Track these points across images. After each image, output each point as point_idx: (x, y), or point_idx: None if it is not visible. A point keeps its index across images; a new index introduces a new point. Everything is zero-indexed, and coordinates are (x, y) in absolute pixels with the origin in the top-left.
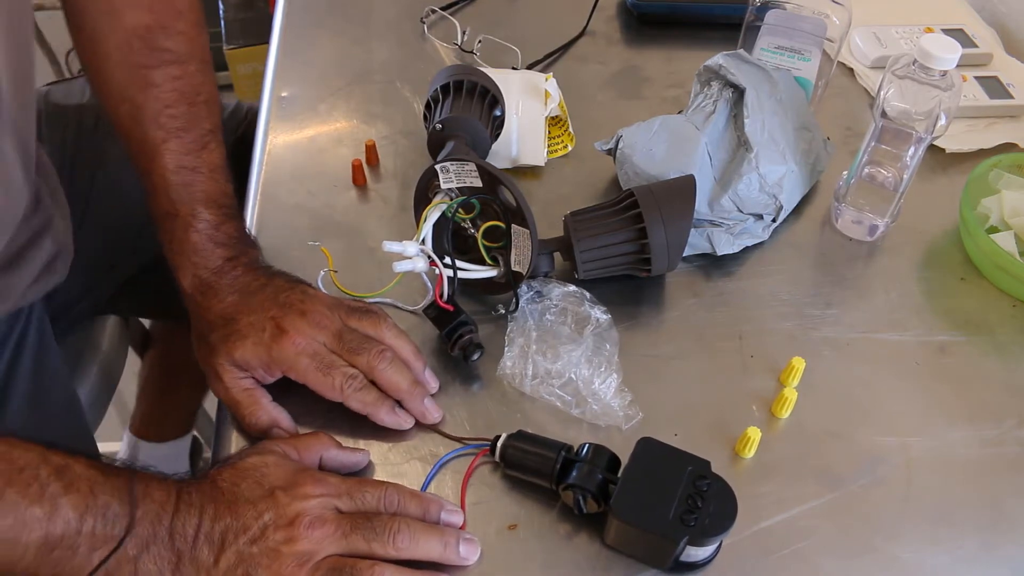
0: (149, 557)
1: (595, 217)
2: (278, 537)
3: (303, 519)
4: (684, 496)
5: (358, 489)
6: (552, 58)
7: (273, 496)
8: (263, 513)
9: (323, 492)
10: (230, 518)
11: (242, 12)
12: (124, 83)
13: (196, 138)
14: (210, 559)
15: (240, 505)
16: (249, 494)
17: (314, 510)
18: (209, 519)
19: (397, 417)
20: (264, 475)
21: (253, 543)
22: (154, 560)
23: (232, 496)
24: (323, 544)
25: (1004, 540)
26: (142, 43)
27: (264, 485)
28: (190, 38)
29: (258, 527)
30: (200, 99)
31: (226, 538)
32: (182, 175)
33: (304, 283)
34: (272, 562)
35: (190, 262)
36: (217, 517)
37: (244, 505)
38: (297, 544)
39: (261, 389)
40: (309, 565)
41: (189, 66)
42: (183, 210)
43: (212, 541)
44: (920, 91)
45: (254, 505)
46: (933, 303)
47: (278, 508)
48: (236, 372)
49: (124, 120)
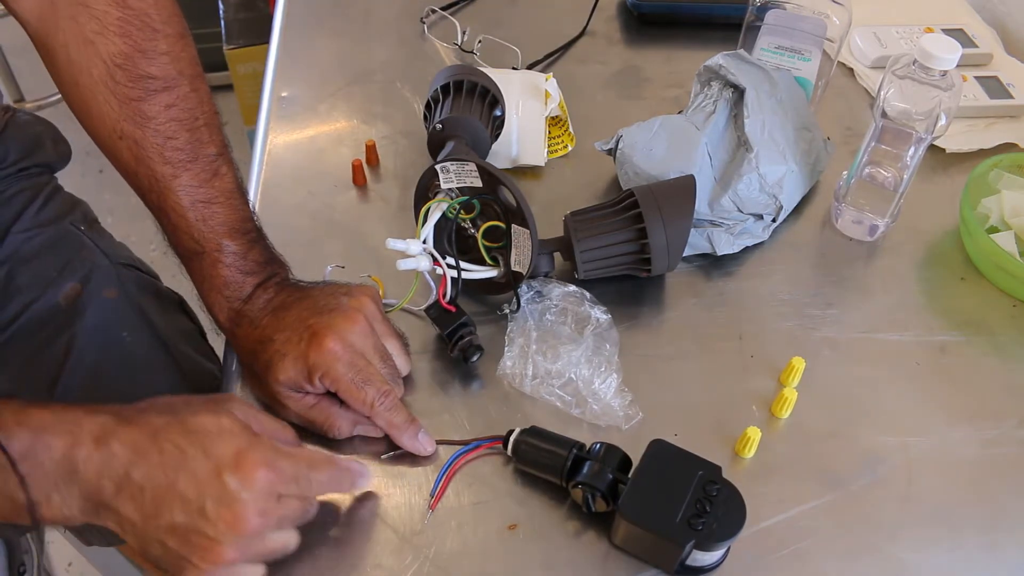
0: (51, 504)
1: (595, 217)
2: (219, 520)
3: (249, 507)
4: (693, 500)
5: (306, 475)
6: (552, 58)
7: (219, 476)
8: (205, 494)
9: (270, 482)
10: (165, 484)
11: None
12: (116, 118)
13: (205, 166)
14: (136, 515)
15: (180, 475)
16: (194, 465)
17: (258, 501)
18: (139, 475)
19: (418, 444)
20: (213, 444)
21: (190, 521)
22: (59, 508)
23: (174, 461)
24: (263, 533)
25: (1004, 540)
26: (124, 73)
27: (211, 457)
28: (174, 57)
29: (197, 506)
30: (200, 123)
31: (160, 505)
32: (199, 210)
33: (345, 286)
34: (208, 544)
35: (222, 296)
36: (148, 477)
37: (185, 477)
38: (236, 532)
39: (326, 399)
40: (246, 548)
41: (180, 89)
42: (208, 246)
43: (140, 502)
44: (920, 91)
45: (196, 481)
46: (933, 303)
47: (223, 492)
48: (293, 395)
49: (124, 156)
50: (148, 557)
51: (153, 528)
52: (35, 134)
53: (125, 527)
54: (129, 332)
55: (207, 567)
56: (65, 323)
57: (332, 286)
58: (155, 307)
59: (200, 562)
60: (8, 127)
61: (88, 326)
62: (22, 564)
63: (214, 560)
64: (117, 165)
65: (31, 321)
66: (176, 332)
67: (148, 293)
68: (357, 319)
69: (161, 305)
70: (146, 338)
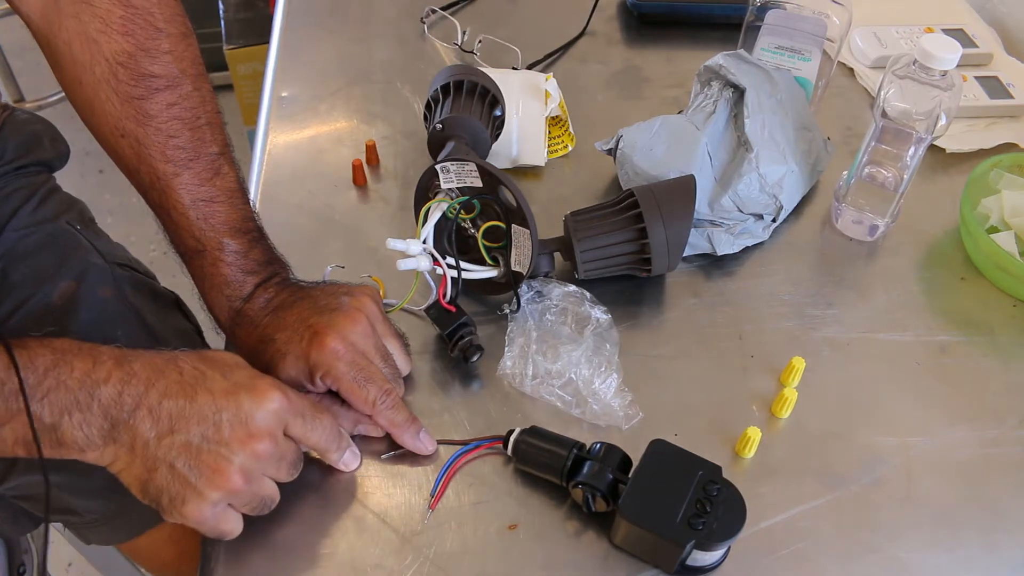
0: (71, 423)
1: (595, 217)
2: (232, 438)
3: (262, 427)
4: (693, 500)
5: (311, 414)
6: (552, 58)
7: (236, 395)
8: (222, 409)
9: (283, 406)
10: (184, 400)
11: (242, 12)
12: (118, 117)
13: (207, 165)
14: (151, 433)
15: (199, 392)
16: (211, 384)
17: (270, 423)
18: (157, 393)
19: (420, 443)
20: (230, 369)
21: (204, 438)
22: (79, 427)
23: (193, 379)
24: (268, 463)
25: (1004, 540)
26: (127, 72)
27: (229, 379)
28: (177, 56)
29: (213, 421)
30: (202, 122)
31: (176, 422)
32: (200, 209)
33: (346, 286)
34: (218, 463)
35: (223, 296)
36: (167, 394)
37: (204, 393)
38: (247, 452)
39: (327, 398)
40: (250, 477)
41: (183, 88)
42: (209, 245)
43: (158, 418)
44: (920, 91)
45: (214, 397)
46: (933, 303)
47: (239, 408)
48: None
49: (126, 154)
50: (151, 489)
51: (166, 448)
52: (33, 132)
53: (136, 449)
54: (124, 331)
55: (211, 493)
56: (59, 321)
57: (333, 286)
58: (150, 307)
59: (206, 486)
60: (6, 125)
61: (82, 325)
62: (22, 564)
63: (220, 484)
64: (119, 163)
65: (25, 319)
66: (172, 331)
67: (143, 293)
68: (358, 319)
69: (157, 305)
70: (141, 337)
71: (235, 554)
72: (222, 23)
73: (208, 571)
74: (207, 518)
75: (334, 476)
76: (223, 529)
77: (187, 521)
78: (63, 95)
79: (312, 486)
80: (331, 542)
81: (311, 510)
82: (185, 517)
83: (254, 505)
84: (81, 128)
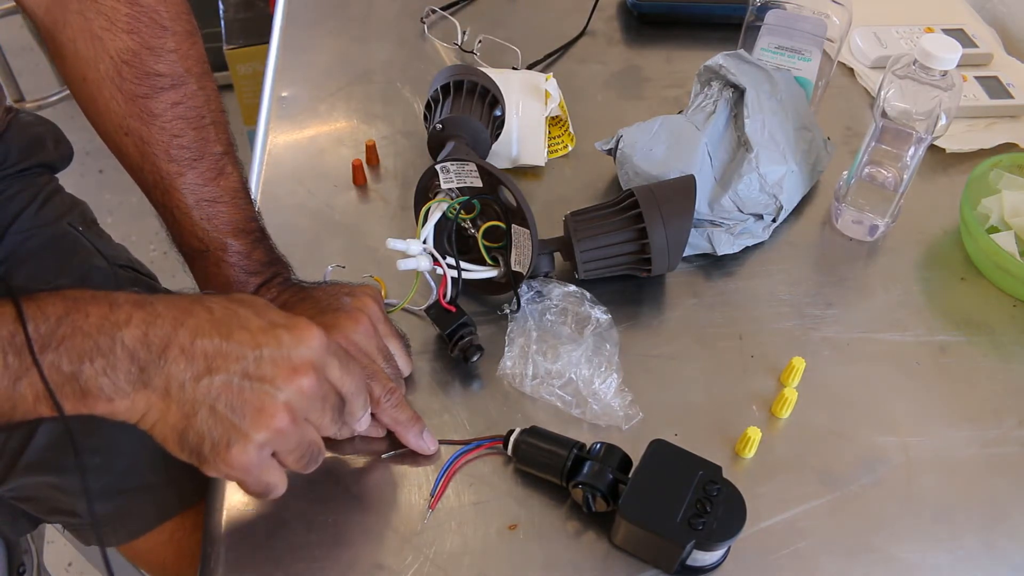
0: (93, 369)
1: (595, 217)
2: (276, 374)
3: (305, 362)
4: (693, 500)
5: (347, 358)
6: (552, 58)
7: (274, 331)
8: (262, 345)
9: (323, 343)
10: (219, 339)
11: (242, 12)
12: (122, 115)
13: (211, 165)
14: (186, 374)
15: (235, 330)
16: (246, 322)
17: (314, 356)
18: (188, 332)
19: (422, 442)
20: (264, 310)
21: (246, 375)
22: (103, 373)
23: (225, 317)
24: (313, 401)
25: (1004, 540)
26: (132, 71)
27: (264, 318)
28: (182, 54)
29: (254, 358)
30: (206, 122)
31: (213, 360)
32: (203, 209)
33: (348, 287)
34: (263, 401)
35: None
36: (199, 333)
37: (239, 331)
38: (292, 388)
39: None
40: (296, 416)
41: (187, 87)
42: (212, 245)
43: (192, 357)
44: (920, 91)
45: (252, 334)
46: (933, 303)
47: (280, 345)
48: None
49: (130, 152)
50: (190, 437)
51: (204, 389)
52: (37, 135)
53: (172, 393)
54: None
55: (258, 433)
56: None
57: (335, 286)
58: None
59: (252, 427)
60: (10, 128)
61: None
62: (22, 564)
63: (267, 423)
64: (122, 161)
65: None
66: None
67: None
68: (360, 319)
69: None
70: None
71: (235, 555)
72: (222, 23)
73: (208, 572)
74: (253, 464)
75: (334, 476)
76: (268, 480)
77: (231, 469)
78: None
79: (312, 485)
80: (331, 542)
81: (310, 510)
82: (229, 464)
83: (301, 452)
84: (81, 128)
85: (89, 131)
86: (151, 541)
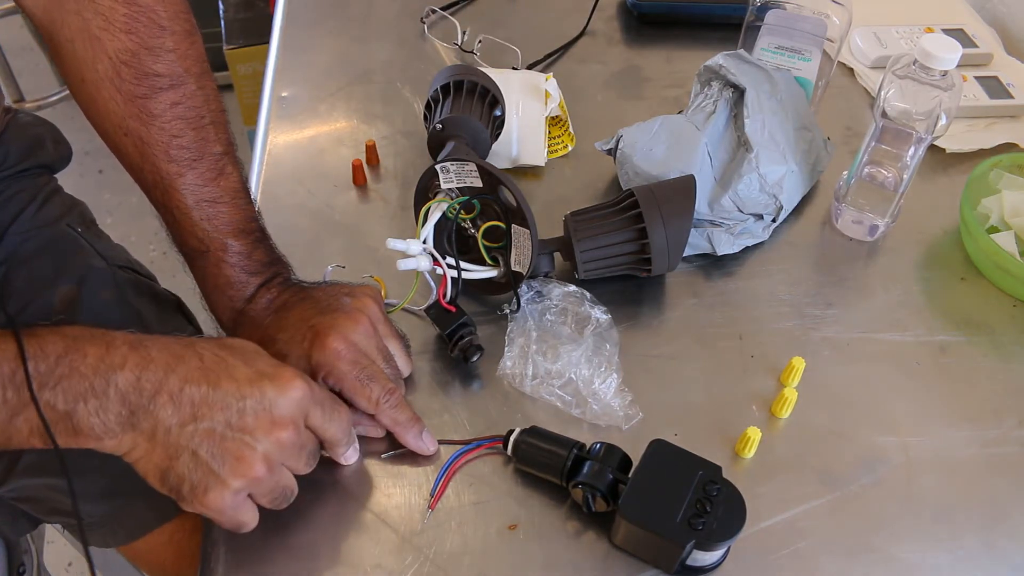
0: (86, 410)
1: (595, 217)
2: (256, 426)
3: (285, 417)
4: (693, 500)
5: (330, 404)
6: (552, 58)
7: (260, 383)
8: (246, 396)
9: (305, 395)
10: (207, 387)
11: (242, 12)
12: (122, 115)
13: (211, 165)
14: (173, 420)
15: (222, 379)
16: (234, 371)
17: (293, 412)
18: (178, 379)
19: (422, 443)
20: (252, 358)
21: (228, 425)
22: (95, 413)
23: (214, 365)
24: (290, 451)
25: (1004, 540)
26: (130, 71)
27: (251, 366)
28: (181, 54)
29: (237, 409)
30: (206, 122)
31: (199, 408)
32: (203, 209)
33: (348, 287)
34: (242, 451)
35: (225, 296)
36: (189, 380)
37: (227, 380)
38: (271, 440)
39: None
40: (272, 466)
41: (187, 87)
42: (212, 245)
43: (179, 404)
44: (920, 91)
45: (237, 385)
46: (933, 303)
47: (263, 396)
48: None
49: (130, 152)
50: (171, 478)
51: (188, 435)
52: (36, 135)
53: (157, 436)
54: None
55: (234, 481)
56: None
57: (334, 286)
58: (152, 309)
59: (230, 474)
60: (9, 128)
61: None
62: (22, 564)
63: (244, 472)
64: (122, 161)
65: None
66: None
67: (145, 295)
68: (360, 319)
69: (158, 307)
70: None
71: (234, 556)
72: (222, 23)
73: (208, 572)
74: (227, 507)
75: (333, 476)
76: (241, 520)
77: (207, 510)
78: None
79: (311, 486)
80: (331, 542)
81: (310, 510)
82: (206, 506)
83: (275, 495)
84: (81, 128)
85: (89, 131)
86: (151, 542)
